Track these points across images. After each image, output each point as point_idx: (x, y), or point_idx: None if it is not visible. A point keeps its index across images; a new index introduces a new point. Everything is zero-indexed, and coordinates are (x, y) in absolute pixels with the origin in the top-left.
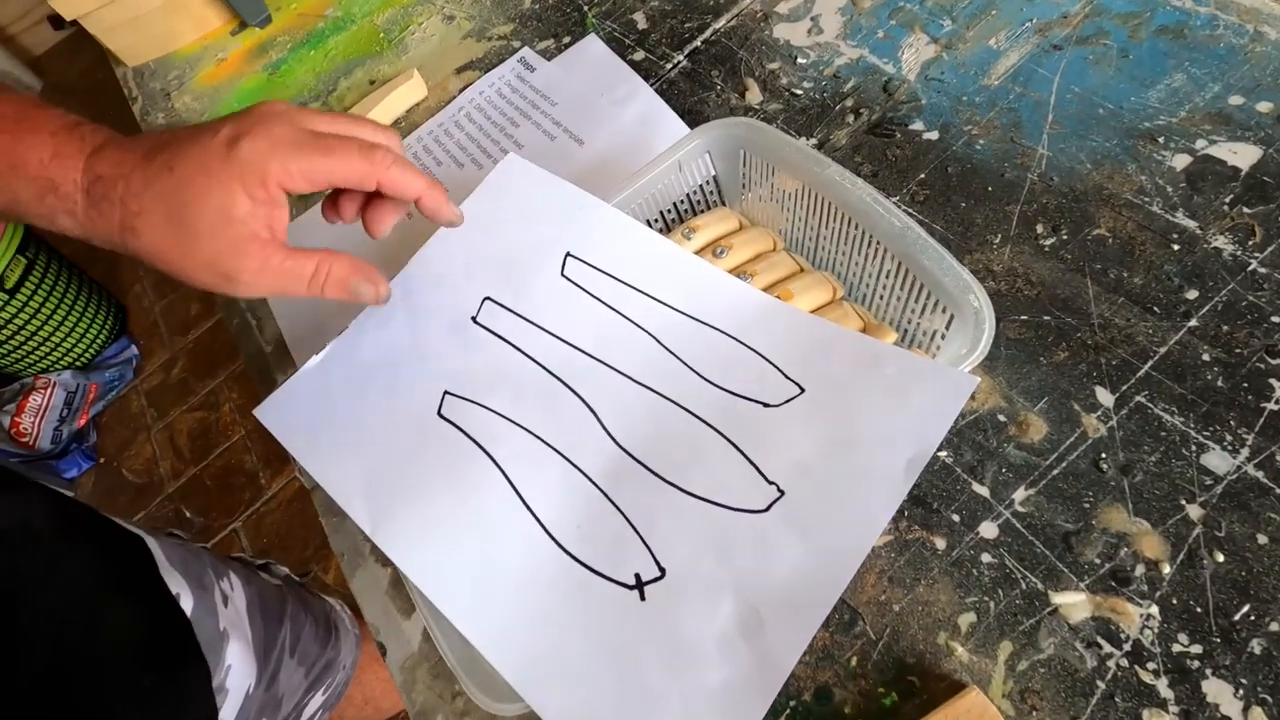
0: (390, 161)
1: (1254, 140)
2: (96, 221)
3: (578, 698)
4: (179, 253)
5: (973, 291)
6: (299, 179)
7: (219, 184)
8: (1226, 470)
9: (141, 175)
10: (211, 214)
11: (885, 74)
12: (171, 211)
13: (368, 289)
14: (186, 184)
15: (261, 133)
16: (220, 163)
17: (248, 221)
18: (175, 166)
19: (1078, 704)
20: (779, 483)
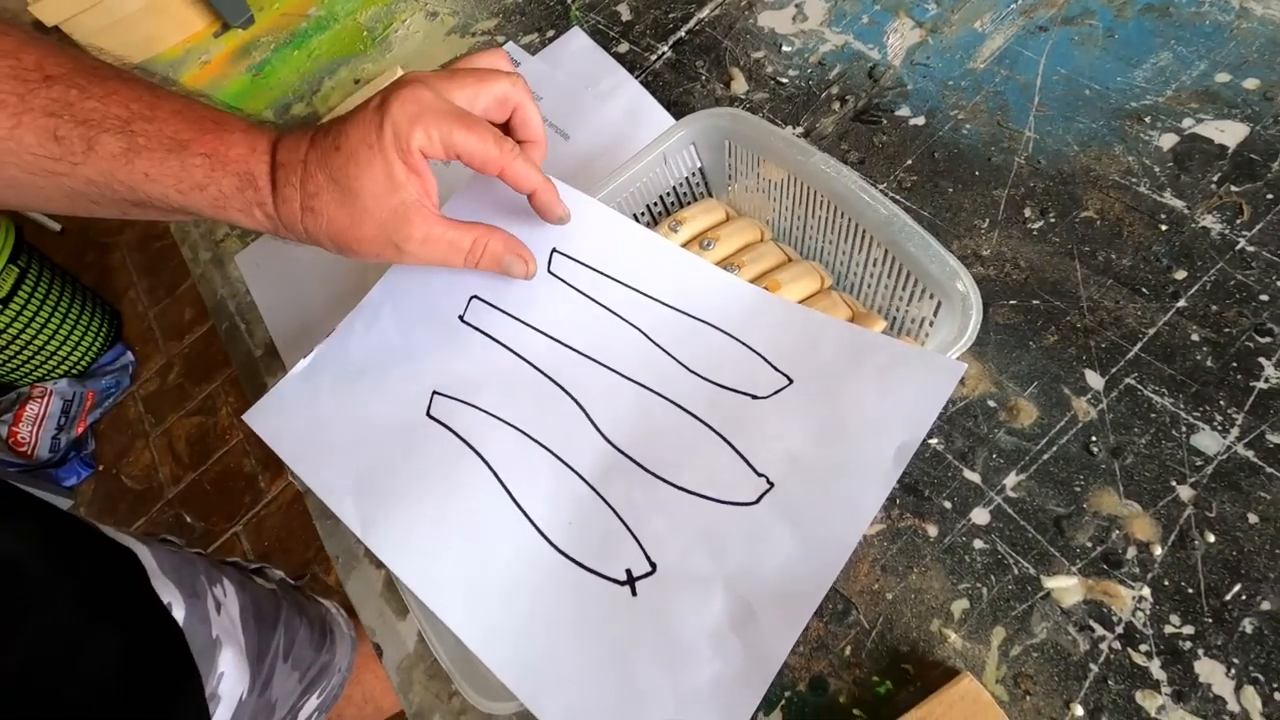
0: (516, 155)
1: (1241, 118)
2: (281, 209)
3: (572, 695)
4: (352, 227)
5: (959, 277)
6: (438, 146)
7: (379, 153)
8: (1217, 450)
9: (315, 158)
10: (376, 183)
11: (870, 60)
12: (342, 187)
13: (519, 265)
14: (351, 159)
15: (408, 96)
16: (376, 132)
17: (407, 187)
18: (341, 145)
19: (1071, 687)
20: (769, 474)
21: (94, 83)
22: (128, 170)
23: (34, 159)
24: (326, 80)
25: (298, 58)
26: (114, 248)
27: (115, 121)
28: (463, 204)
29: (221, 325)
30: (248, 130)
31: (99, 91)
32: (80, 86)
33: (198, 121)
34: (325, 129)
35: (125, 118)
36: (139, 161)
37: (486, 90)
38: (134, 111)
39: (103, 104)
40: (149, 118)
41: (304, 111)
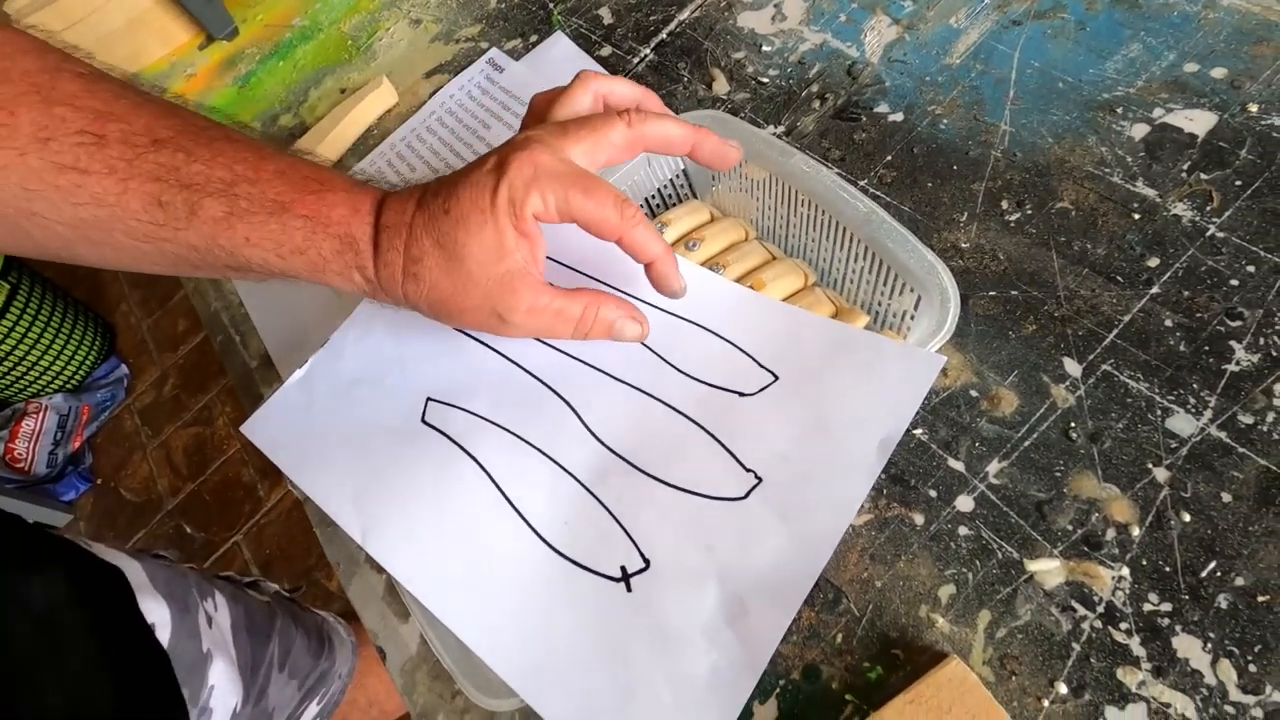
0: (637, 221)
1: (1209, 106)
2: (382, 273)
3: (571, 691)
4: (456, 295)
5: (937, 272)
6: (553, 210)
7: (490, 218)
8: (1191, 432)
9: (422, 221)
10: (485, 250)
11: (849, 58)
12: (449, 253)
13: (632, 328)
14: (461, 223)
15: (525, 159)
16: (490, 195)
17: (515, 254)
18: (451, 208)
19: (1055, 666)
20: (756, 470)
21: (200, 144)
22: (229, 234)
23: (139, 225)
24: (313, 90)
25: (283, 68)
26: None
27: (219, 184)
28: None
29: (216, 337)
30: (350, 190)
31: (205, 154)
32: (186, 149)
33: (300, 182)
34: (435, 190)
35: (229, 180)
36: (240, 225)
37: (604, 141)
38: (238, 174)
39: (208, 166)
40: (252, 180)
41: (291, 123)
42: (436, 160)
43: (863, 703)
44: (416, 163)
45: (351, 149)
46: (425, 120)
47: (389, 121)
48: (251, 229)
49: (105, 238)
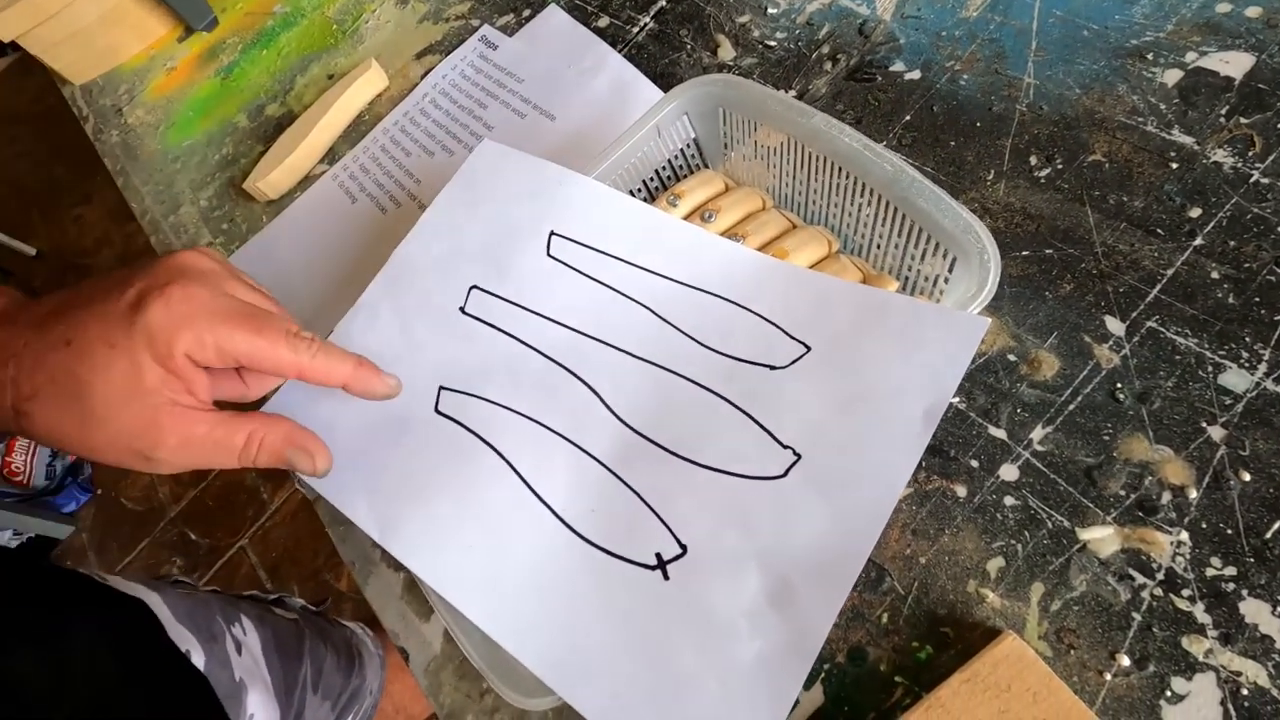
0: (315, 349)
1: (1245, 48)
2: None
3: (611, 685)
4: (81, 435)
5: (974, 230)
6: (211, 352)
7: (122, 354)
8: (1245, 388)
9: (33, 352)
10: (116, 390)
11: (859, 16)
12: (69, 391)
13: (304, 460)
14: (84, 357)
15: (176, 294)
16: (123, 331)
17: (161, 391)
18: (73, 339)
19: (1115, 638)
20: (794, 446)
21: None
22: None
23: None
24: (299, 78)
25: (267, 57)
26: (93, 269)
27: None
28: (451, 203)
29: None
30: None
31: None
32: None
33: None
34: (58, 312)
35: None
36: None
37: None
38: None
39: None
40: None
41: (279, 112)
42: (432, 142)
43: (913, 684)
44: (411, 146)
45: (343, 136)
46: (418, 103)
47: (380, 106)
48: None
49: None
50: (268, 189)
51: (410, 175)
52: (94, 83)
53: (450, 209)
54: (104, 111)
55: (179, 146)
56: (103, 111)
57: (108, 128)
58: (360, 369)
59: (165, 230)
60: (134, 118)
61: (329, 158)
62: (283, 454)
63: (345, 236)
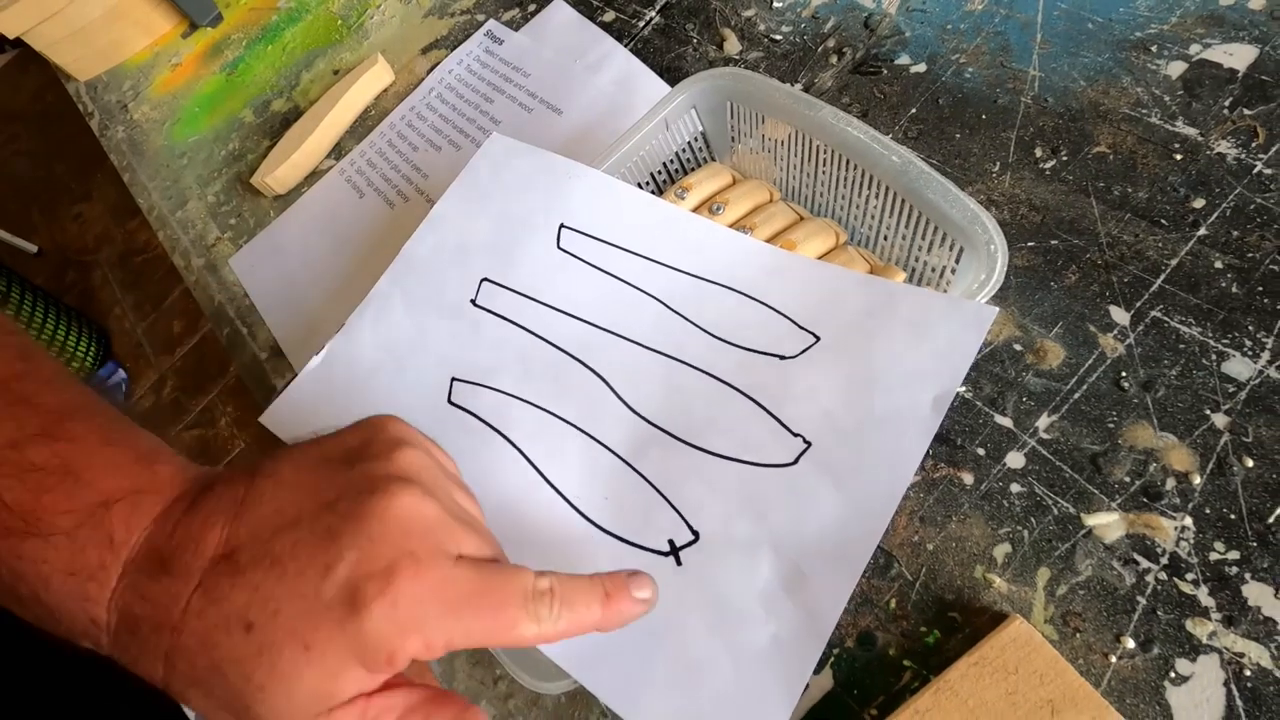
0: (558, 609)
1: (1249, 40)
2: (133, 666)
3: (626, 669)
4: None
5: (981, 221)
6: (440, 651)
7: (322, 661)
8: (1249, 375)
9: (199, 627)
10: (300, 699)
11: (865, 9)
12: (238, 691)
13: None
14: (267, 655)
15: (405, 591)
16: (329, 633)
17: (354, 693)
18: (254, 624)
19: (1120, 621)
20: (805, 434)
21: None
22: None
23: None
24: (304, 73)
25: (272, 52)
26: (94, 266)
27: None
28: (460, 197)
29: (223, 331)
30: (92, 520)
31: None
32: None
33: (34, 490)
34: (236, 569)
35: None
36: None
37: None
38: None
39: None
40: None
41: (284, 107)
42: (439, 137)
43: (922, 668)
44: (418, 140)
45: (350, 131)
46: (424, 98)
47: (386, 101)
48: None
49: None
50: (275, 184)
51: (417, 170)
52: (99, 79)
53: (460, 202)
54: (109, 108)
55: (185, 142)
56: (108, 108)
57: (113, 124)
58: (610, 604)
59: (172, 225)
60: (139, 114)
61: (336, 153)
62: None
63: (353, 231)
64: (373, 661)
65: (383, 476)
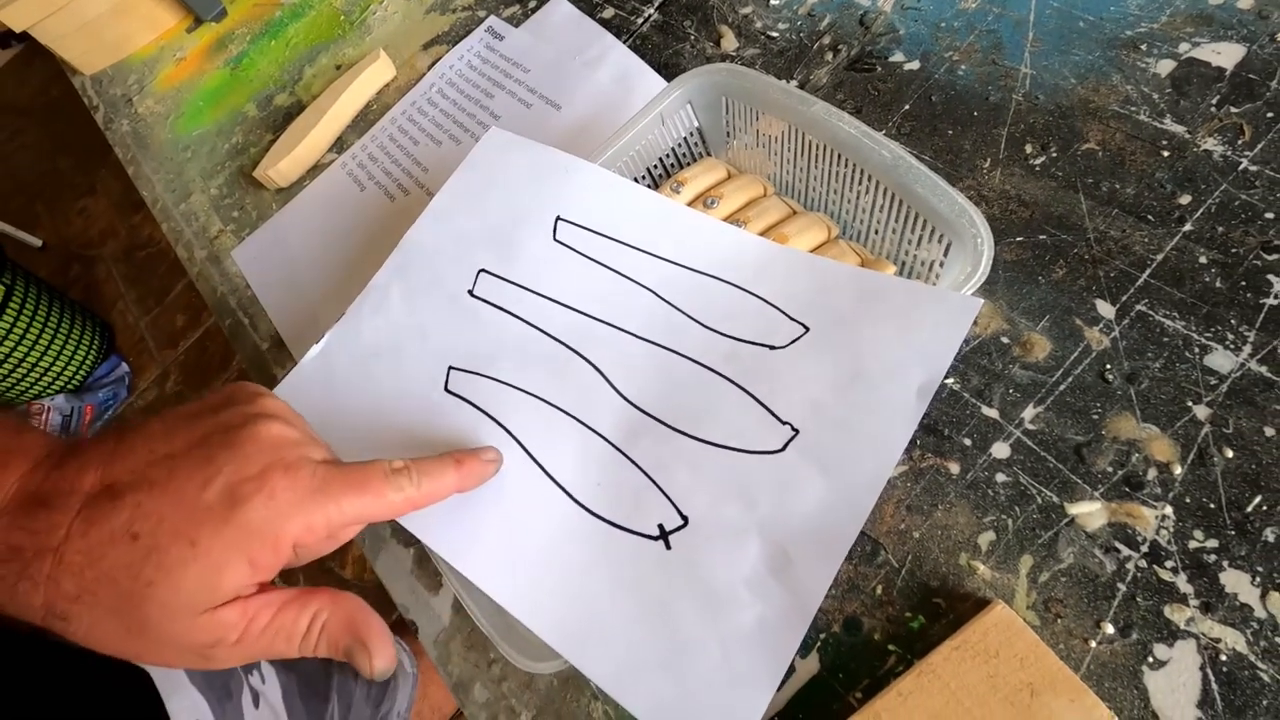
0: (417, 477)
1: (1237, 39)
2: (5, 604)
3: (615, 649)
4: (130, 640)
5: (968, 214)
6: (322, 532)
7: (208, 555)
8: (1230, 368)
9: (82, 546)
10: (184, 595)
11: (860, 7)
12: (127, 592)
13: (361, 658)
14: (154, 556)
15: (279, 484)
16: (212, 529)
17: (238, 591)
18: (140, 533)
19: (1100, 607)
20: (793, 422)
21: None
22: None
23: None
24: (307, 68)
25: (275, 47)
26: (98, 260)
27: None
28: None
29: (225, 321)
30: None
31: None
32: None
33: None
34: (114, 492)
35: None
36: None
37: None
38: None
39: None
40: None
41: (287, 102)
42: (439, 132)
43: (906, 652)
44: (419, 135)
45: (351, 125)
46: (426, 93)
47: (388, 96)
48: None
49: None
50: (277, 177)
51: (418, 164)
52: (104, 73)
53: (458, 195)
54: (114, 101)
55: (189, 136)
56: (113, 101)
57: (118, 117)
58: (461, 469)
59: (176, 218)
60: (144, 107)
61: (338, 146)
62: (341, 645)
63: (354, 223)
64: (259, 551)
65: (250, 414)
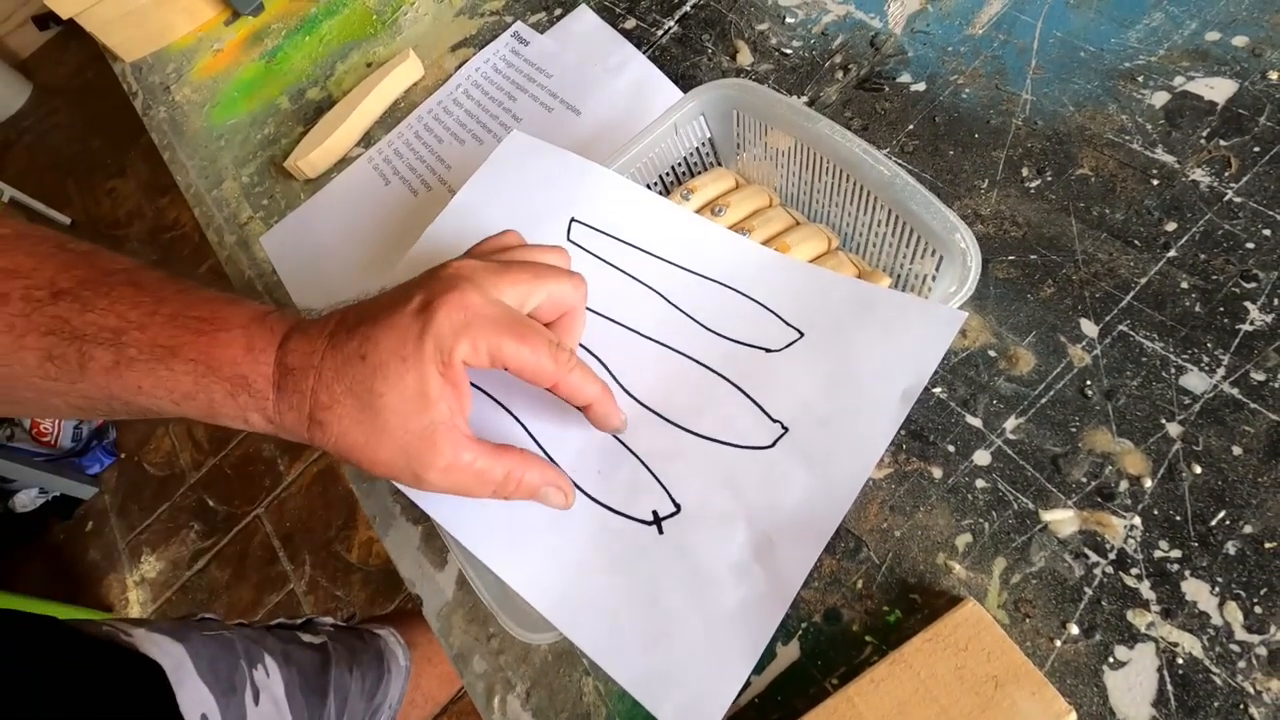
0: (572, 366)
1: (1230, 74)
2: (285, 415)
3: (609, 625)
4: (368, 447)
5: (959, 231)
6: (484, 357)
7: (414, 367)
8: (1204, 389)
9: (332, 364)
10: (405, 401)
11: (872, 29)
12: (363, 403)
13: (556, 496)
14: (379, 371)
15: (456, 300)
16: (414, 343)
17: (439, 406)
18: (368, 353)
19: (1067, 609)
20: (783, 420)
21: (100, 293)
22: (120, 384)
23: (37, 380)
24: (339, 64)
25: (309, 43)
26: (124, 240)
27: (108, 334)
28: (479, 188)
29: None
30: (248, 327)
31: (102, 303)
32: (84, 299)
33: (191, 323)
34: (351, 326)
35: (118, 329)
36: (129, 374)
37: (541, 288)
38: (129, 320)
39: (100, 315)
40: (143, 325)
41: (319, 96)
42: (463, 131)
43: (882, 643)
44: (444, 134)
45: (380, 121)
46: (451, 93)
47: (416, 94)
48: (142, 377)
49: (11, 393)
50: (307, 168)
51: (441, 161)
52: (144, 61)
53: (480, 193)
54: (152, 88)
55: (223, 125)
56: (151, 88)
57: (156, 104)
58: (605, 394)
59: (208, 203)
60: (181, 95)
61: (365, 141)
62: (538, 490)
63: (378, 215)
64: (442, 360)
65: (449, 261)
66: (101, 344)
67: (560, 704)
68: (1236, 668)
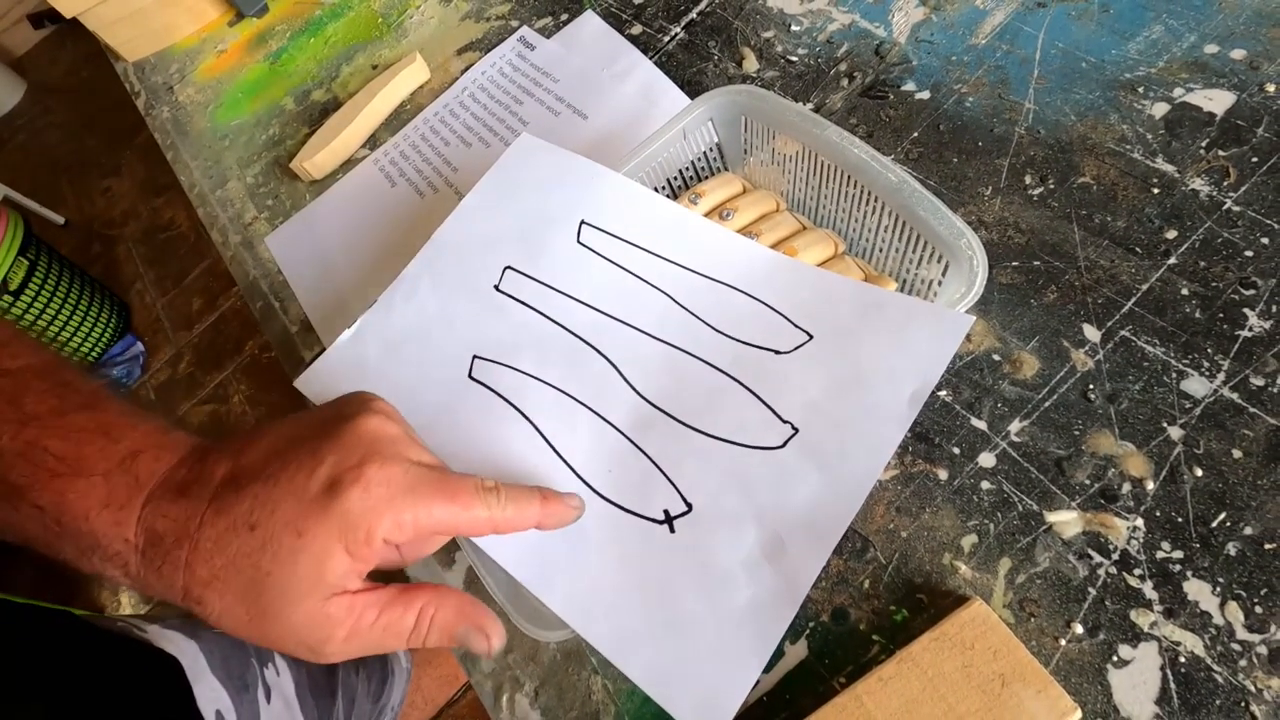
0: (505, 500)
1: (1228, 86)
2: (153, 584)
3: (621, 623)
4: (254, 626)
5: (966, 237)
6: (410, 531)
7: (313, 544)
8: (1204, 394)
9: (213, 533)
10: (297, 583)
11: (877, 38)
12: (248, 579)
13: (478, 640)
14: (268, 546)
15: (373, 476)
16: (316, 518)
17: (341, 583)
18: (258, 522)
19: (1071, 609)
20: (793, 421)
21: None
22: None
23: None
24: (344, 67)
25: (314, 45)
26: (119, 239)
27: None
28: (490, 190)
29: (256, 304)
30: (110, 475)
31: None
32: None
33: (47, 459)
34: (239, 486)
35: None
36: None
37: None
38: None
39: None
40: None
41: (324, 98)
42: (470, 135)
43: (889, 642)
44: (450, 136)
45: (385, 123)
46: (458, 96)
47: (422, 97)
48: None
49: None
50: (313, 169)
51: (448, 163)
52: (146, 61)
53: (489, 195)
54: (155, 88)
55: (227, 125)
56: (154, 88)
57: (159, 104)
58: (547, 504)
59: (212, 203)
60: (184, 96)
61: (371, 143)
62: (454, 633)
63: (383, 217)
64: (353, 541)
65: (356, 410)
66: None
67: (569, 702)
68: (1238, 666)
